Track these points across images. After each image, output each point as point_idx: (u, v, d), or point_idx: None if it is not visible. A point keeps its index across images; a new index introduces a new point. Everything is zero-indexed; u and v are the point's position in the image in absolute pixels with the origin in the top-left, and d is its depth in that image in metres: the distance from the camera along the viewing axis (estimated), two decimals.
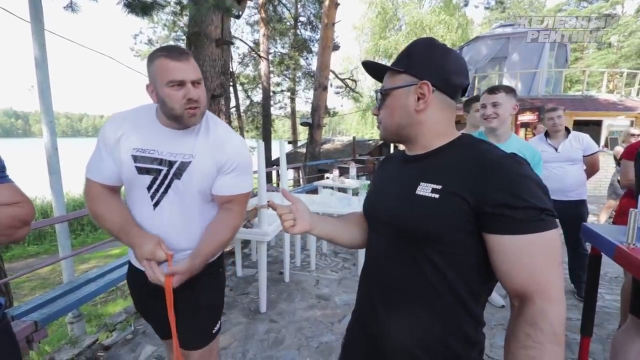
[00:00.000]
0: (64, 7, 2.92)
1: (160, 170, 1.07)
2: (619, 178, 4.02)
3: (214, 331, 1.25)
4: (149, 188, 1.09)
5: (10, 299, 3.23)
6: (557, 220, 0.65)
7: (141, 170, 1.07)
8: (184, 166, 1.08)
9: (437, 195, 0.66)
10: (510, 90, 1.80)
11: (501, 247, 0.61)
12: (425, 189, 0.69)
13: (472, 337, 0.71)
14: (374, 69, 0.83)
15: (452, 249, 0.66)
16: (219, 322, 1.28)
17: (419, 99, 0.73)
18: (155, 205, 1.10)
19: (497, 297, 2.69)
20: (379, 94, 0.80)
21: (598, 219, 4.92)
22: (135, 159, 1.07)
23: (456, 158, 0.70)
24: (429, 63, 0.73)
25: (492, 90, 1.77)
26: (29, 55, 2.63)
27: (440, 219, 0.65)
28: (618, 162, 4.06)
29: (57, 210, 2.70)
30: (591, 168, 2.79)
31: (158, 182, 1.08)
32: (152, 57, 1.04)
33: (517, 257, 0.60)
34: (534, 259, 0.59)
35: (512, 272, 0.61)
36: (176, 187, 1.08)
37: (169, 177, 1.08)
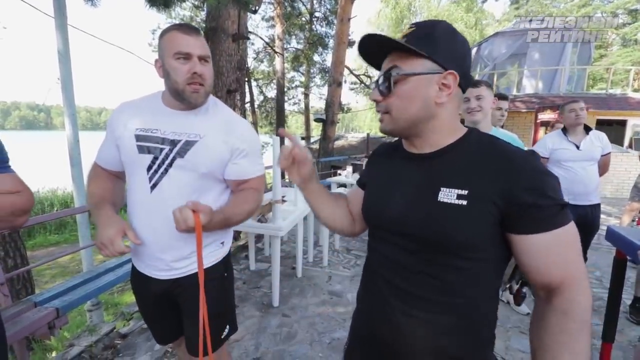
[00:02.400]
0: (85, 1, 2.97)
1: (162, 149, 1.04)
2: None
3: (222, 337, 1.20)
4: (149, 169, 1.05)
5: (32, 286, 3.35)
6: None
7: (142, 149, 1.04)
8: (188, 145, 1.04)
9: (464, 202, 0.62)
10: (489, 85, 1.84)
11: (531, 246, 0.61)
12: (449, 196, 0.64)
13: (487, 338, 0.70)
14: (375, 46, 0.69)
15: (478, 254, 0.64)
16: (227, 327, 1.23)
17: (439, 89, 0.65)
18: (153, 187, 1.05)
19: (524, 306, 2.62)
20: (389, 77, 0.67)
21: (620, 221, 4.75)
22: (138, 138, 1.05)
23: (475, 157, 0.65)
24: (454, 52, 0.66)
25: (475, 84, 1.79)
26: (50, 50, 2.69)
27: (471, 226, 0.62)
28: None
29: (78, 201, 2.77)
30: (604, 168, 2.62)
31: (159, 161, 1.04)
32: (163, 32, 1.04)
33: (547, 253, 0.60)
34: (561, 252, 0.60)
35: (542, 267, 0.61)
36: (178, 165, 1.04)
37: (171, 156, 1.04)
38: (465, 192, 0.62)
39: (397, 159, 0.78)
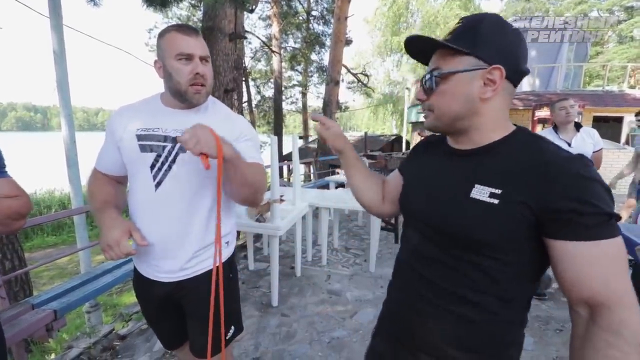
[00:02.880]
0: (87, 1, 2.94)
1: (164, 147, 1.04)
2: None
3: (227, 337, 1.19)
4: (152, 167, 1.04)
5: (30, 288, 3.33)
6: None
7: (144, 148, 1.04)
8: None
9: (496, 201, 0.61)
10: None
11: (569, 254, 0.57)
12: (481, 193, 0.63)
13: (513, 340, 0.69)
14: (419, 47, 0.71)
15: (507, 255, 0.62)
16: (232, 328, 1.22)
17: (485, 85, 0.64)
18: (158, 185, 1.04)
19: None
20: (432, 77, 0.68)
21: None
22: (139, 137, 1.05)
23: (515, 158, 0.63)
24: (500, 46, 0.63)
25: None
26: (47, 51, 2.68)
27: (499, 226, 0.60)
28: None
29: (75, 202, 2.76)
30: (596, 164, 2.61)
31: (162, 159, 1.04)
32: (162, 33, 1.03)
33: (587, 265, 0.56)
34: (605, 265, 0.55)
35: (581, 280, 0.57)
36: (182, 160, 1.04)
37: (174, 152, 1.04)
38: (498, 192, 0.61)
39: (439, 153, 0.78)
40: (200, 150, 0.85)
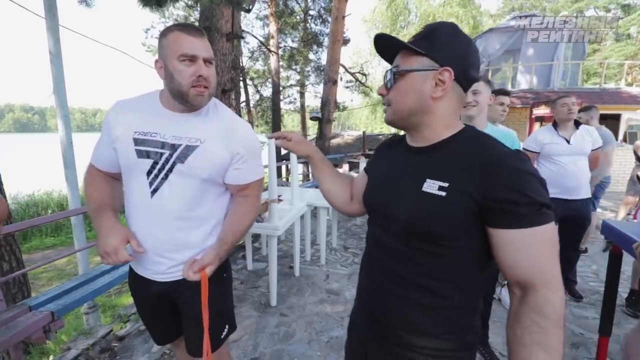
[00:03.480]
0: (79, 2, 2.93)
1: (162, 154, 1.01)
2: (638, 173, 3.89)
3: (222, 336, 1.20)
4: (149, 173, 1.02)
5: (28, 290, 3.32)
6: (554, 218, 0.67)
7: (141, 154, 1.01)
8: (189, 150, 1.01)
9: (444, 193, 0.67)
10: (487, 81, 1.83)
11: (506, 241, 0.63)
12: (431, 187, 0.69)
13: (469, 325, 0.74)
14: (385, 46, 0.78)
15: (458, 243, 0.67)
16: (227, 327, 1.23)
17: (436, 85, 0.70)
18: (154, 192, 1.02)
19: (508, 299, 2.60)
20: (391, 73, 0.75)
21: (616, 215, 4.78)
22: (136, 142, 1.01)
23: (461, 153, 0.69)
24: (452, 50, 0.70)
25: None
26: (44, 51, 2.66)
27: (448, 216, 0.66)
28: (638, 157, 3.91)
29: (73, 203, 2.75)
30: (594, 163, 2.64)
31: (158, 166, 1.01)
32: (165, 32, 1.00)
33: (522, 249, 0.62)
34: (537, 250, 0.62)
35: (517, 264, 0.63)
36: (179, 171, 1.01)
37: (171, 161, 1.01)
38: (446, 185, 0.67)
39: (398, 151, 0.85)
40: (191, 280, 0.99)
